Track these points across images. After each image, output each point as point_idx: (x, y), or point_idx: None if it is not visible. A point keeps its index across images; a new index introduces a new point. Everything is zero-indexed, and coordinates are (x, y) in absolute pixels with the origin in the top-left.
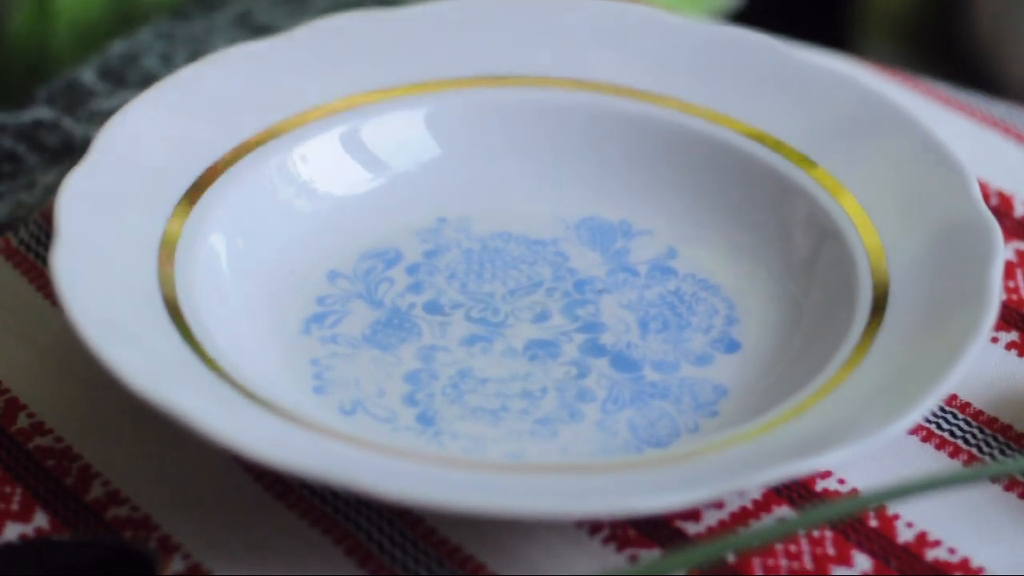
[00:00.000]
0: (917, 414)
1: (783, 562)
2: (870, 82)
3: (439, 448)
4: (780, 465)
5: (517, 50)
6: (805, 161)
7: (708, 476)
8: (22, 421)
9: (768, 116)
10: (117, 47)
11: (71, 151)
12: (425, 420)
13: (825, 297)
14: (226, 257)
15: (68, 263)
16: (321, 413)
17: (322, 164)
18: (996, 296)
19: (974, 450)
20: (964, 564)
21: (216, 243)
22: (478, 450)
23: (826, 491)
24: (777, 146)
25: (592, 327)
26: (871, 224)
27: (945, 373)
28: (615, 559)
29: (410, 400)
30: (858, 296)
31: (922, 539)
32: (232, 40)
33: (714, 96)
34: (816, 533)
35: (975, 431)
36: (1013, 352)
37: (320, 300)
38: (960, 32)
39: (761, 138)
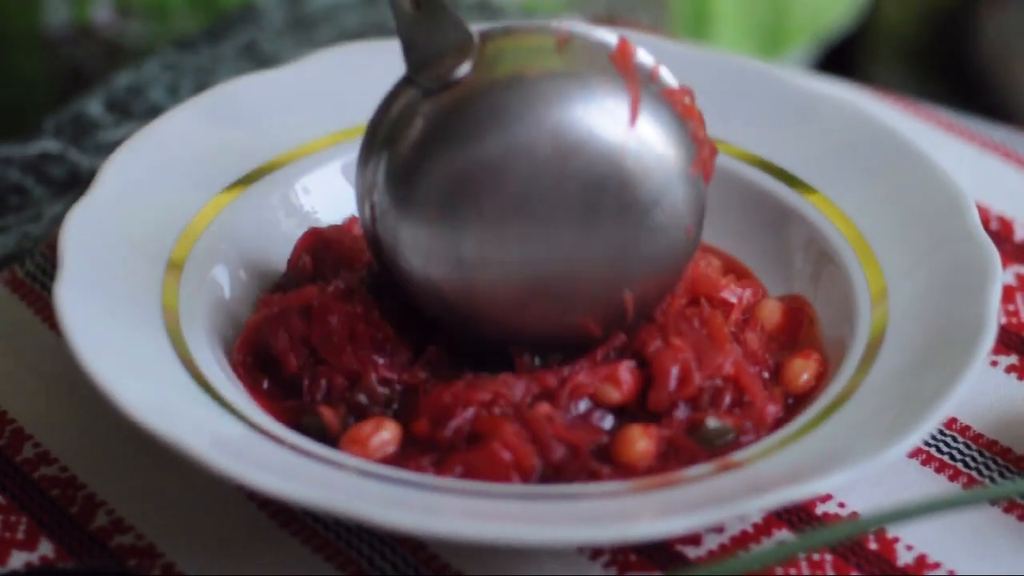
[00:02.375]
0: (916, 437)
1: None
2: (869, 108)
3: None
4: (780, 489)
5: None
6: (804, 187)
7: (709, 501)
8: (28, 451)
9: (768, 142)
10: (123, 78)
11: (77, 183)
12: None
13: (824, 321)
14: (229, 289)
15: (72, 295)
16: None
17: (324, 195)
18: (994, 320)
19: (973, 473)
20: None
21: (219, 275)
22: None
23: (826, 514)
24: (777, 172)
25: None
26: (870, 249)
27: (944, 396)
28: None
29: None
30: (857, 320)
31: (921, 561)
32: (238, 70)
33: (713, 123)
34: (816, 556)
35: (974, 454)
36: (1013, 375)
37: None
38: (966, 55)
39: (761, 164)
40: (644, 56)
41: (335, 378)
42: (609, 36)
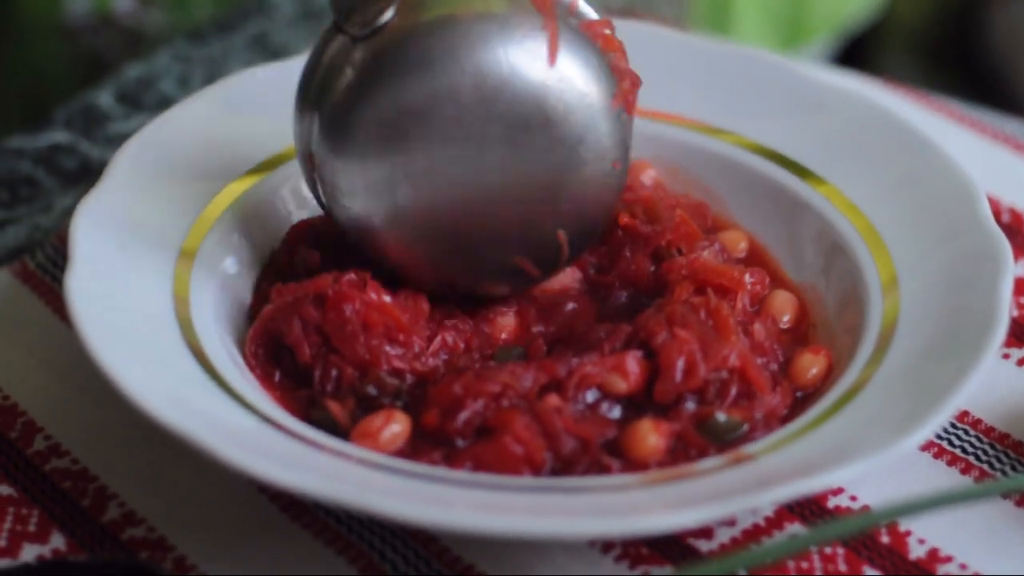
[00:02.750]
0: (928, 430)
1: None
2: (880, 100)
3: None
4: (792, 482)
5: None
6: (815, 179)
7: (720, 494)
8: (39, 443)
9: (778, 134)
10: (134, 70)
11: (88, 174)
12: None
13: (835, 313)
14: (240, 280)
15: (82, 286)
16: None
17: None
18: (1006, 313)
19: (985, 466)
20: None
21: (229, 266)
22: None
23: (838, 508)
24: (787, 163)
25: None
26: (881, 240)
27: (955, 389)
28: None
29: None
30: (868, 312)
31: (934, 555)
32: (248, 62)
33: (723, 113)
34: (828, 550)
35: (986, 447)
36: None
37: None
38: (977, 49)
39: (772, 155)
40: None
41: (345, 369)
42: None
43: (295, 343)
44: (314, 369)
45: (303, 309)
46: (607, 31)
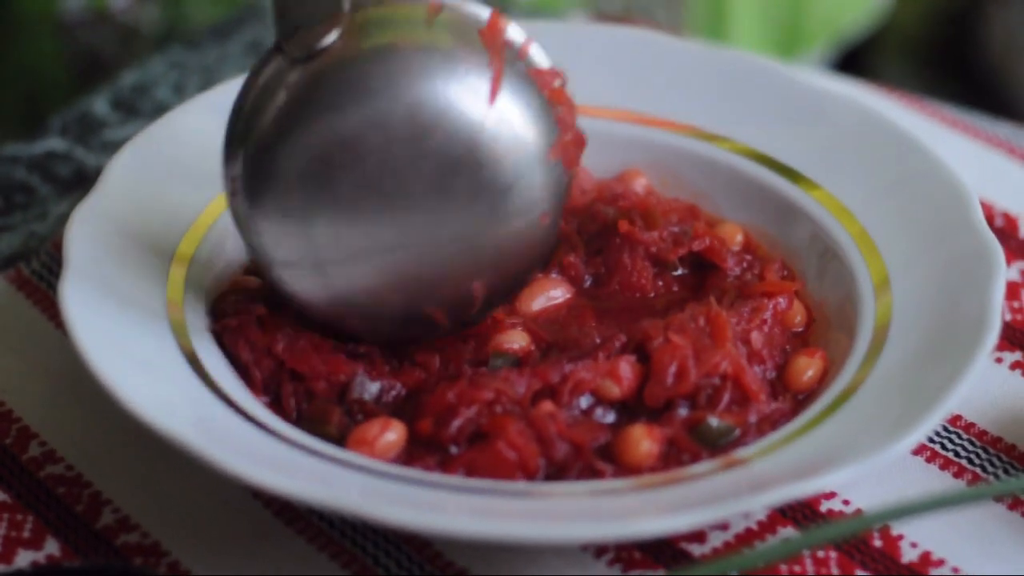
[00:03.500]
0: (920, 434)
1: None
2: (873, 104)
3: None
4: (784, 486)
5: None
6: (808, 183)
7: (713, 498)
8: (34, 450)
9: (771, 139)
10: (129, 77)
11: (83, 181)
12: None
13: (828, 317)
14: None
15: (76, 293)
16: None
17: None
18: (997, 316)
19: (978, 470)
20: None
21: (223, 272)
22: None
23: (831, 512)
24: (780, 168)
25: None
26: (874, 245)
27: (947, 392)
28: None
29: None
30: (861, 316)
31: (926, 559)
32: (243, 68)
33: (716, 118)
34: (821, 554)
35: (979, 451)
36: (1017, 372)
37: None
38: (974, 55)
39: (765, 160)
40: (516, 32)
41: (317, 383)
42: (483, 10)
43: (248, 365)
44: (281, 389)
45: (248, 332)
46: (557, 83)
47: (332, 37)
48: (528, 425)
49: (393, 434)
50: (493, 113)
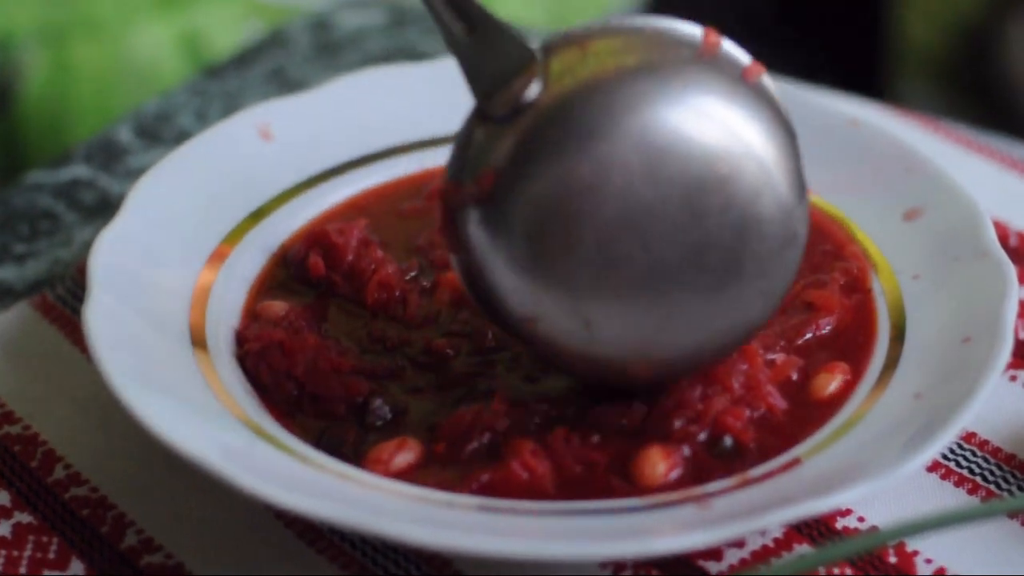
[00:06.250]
0: (933, 450)
1: None
2: (886, 125)
3: None
4: (799, 504)
5: None
6: (818, 200)
7: (729, 515)
8: (59, 472)
9: None
10: (152, 105)
11: (107, 208)
12: None
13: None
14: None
15: (100, 317)
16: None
17: None
18: (1010, 334)
19: (992, 487)
20: None
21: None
22: None
23: (846, 528)
24: None
25: None
26: (887, 264)
27: (961, 410)
28: None
29: None
30: (875, 335)
31: (941, 575)
32: (265, 96)
33: None
34: (836, 571)
35: (993, 468)
36: None
37: None
38: (992, 72)
39: None
40: (730, 46)
41: (337, 407)
42: (688, 26)
43: (270, 387)
44: (302, 412)
45: (270, 357)
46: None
47: (535, 88)
48: (542, 445)
49: (410, 454)
50: (723, 128)
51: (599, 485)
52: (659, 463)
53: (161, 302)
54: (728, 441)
